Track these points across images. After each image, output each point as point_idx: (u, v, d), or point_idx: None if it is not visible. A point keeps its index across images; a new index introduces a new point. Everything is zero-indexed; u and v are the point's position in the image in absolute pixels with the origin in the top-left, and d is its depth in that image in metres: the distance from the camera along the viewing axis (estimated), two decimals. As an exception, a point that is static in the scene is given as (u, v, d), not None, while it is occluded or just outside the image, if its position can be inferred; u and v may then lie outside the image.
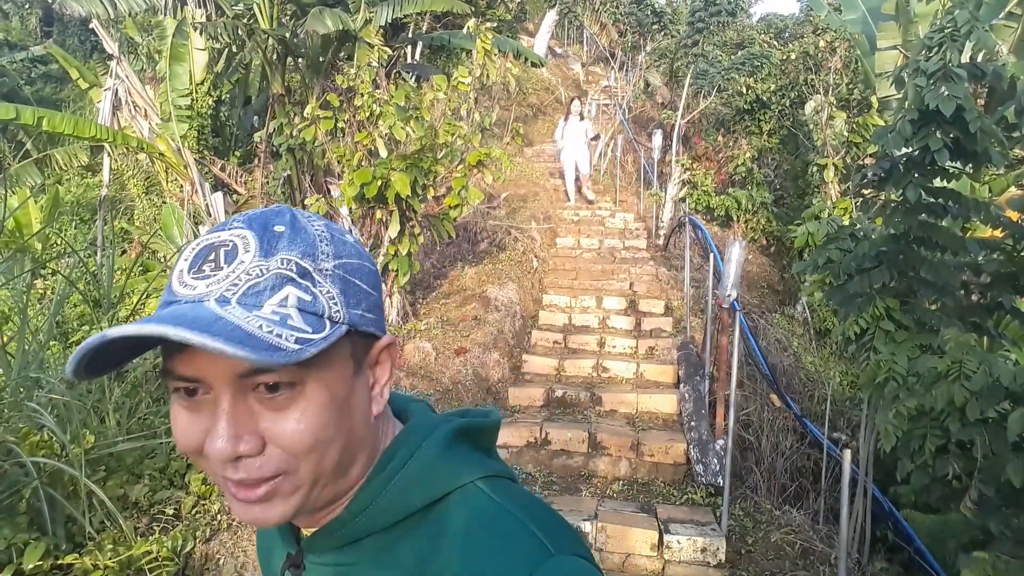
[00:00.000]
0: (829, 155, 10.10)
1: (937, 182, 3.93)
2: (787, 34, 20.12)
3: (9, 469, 3.30)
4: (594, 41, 21.22)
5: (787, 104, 12.89)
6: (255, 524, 0.62)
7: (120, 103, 8.79)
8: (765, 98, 12.99)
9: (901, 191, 3.64)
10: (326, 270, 0.60)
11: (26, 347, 4.18)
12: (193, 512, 3.38)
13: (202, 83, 9.92)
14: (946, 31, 3.34)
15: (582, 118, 11.03)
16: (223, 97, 11.27)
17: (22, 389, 3.73)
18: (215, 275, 0.57)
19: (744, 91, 12.96)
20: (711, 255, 5.87)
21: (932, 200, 3.88)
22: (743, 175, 12.22)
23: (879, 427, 3.80)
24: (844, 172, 9.44)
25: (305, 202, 6.64)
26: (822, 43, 11.18)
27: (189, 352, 0.56)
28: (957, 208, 3.78)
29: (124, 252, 8.68)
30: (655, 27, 16.99)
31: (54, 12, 19.85)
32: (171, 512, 3.49)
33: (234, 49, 10.84)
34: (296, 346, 0.55)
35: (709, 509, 4.12)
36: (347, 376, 0.62)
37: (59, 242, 8.30)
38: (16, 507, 3.20)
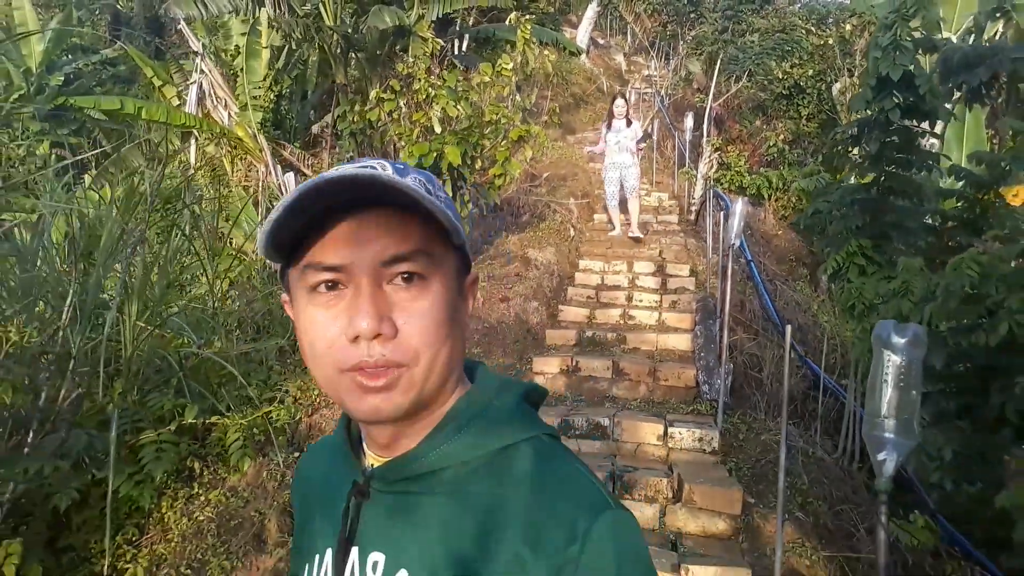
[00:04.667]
0: (854, 133, 10.66)
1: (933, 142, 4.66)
2: (831, 20, 20.43)
3: (161, 365, 4.34)
4: (635, 31, 21.87)
5: (823, 88, 13.36)
6: (375, 415, 0.69)
7: (204, 95, 9.94)
8: (803, 83, 13.50)
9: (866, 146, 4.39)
10: (441, 197, 0.70)
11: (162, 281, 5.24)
12: (300, 395, 4.37)
13: (264, 79, 11.02)
14: (900, 11, 4.07)
15: (630, 123, 8.65)
16: (283, 92, 12.38)
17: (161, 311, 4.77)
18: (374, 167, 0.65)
19: (781, 77, 13.48)
20: (721, 214, 6.63)
21: (898, 155, 4.61)
22: (774, 156, 12.80)
23: (849, 342, 4.55)
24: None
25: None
26: (848, 27, 11.70)
27: (339, 240, 0.66)
28: (918, 160, 4.51)
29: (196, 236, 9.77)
30: (692, 16, 17.57)
31: (121, 16, 21.44)
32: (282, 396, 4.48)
33: (293, 46, 11.92)
34: (447, 211, 0.64)
35: (711, 416, 4.94)
36: (456, 288, 0.71)
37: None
38: (166, 392, 4.23)
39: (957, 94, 4.35)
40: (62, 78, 16.44)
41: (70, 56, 19.65)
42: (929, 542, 3.32)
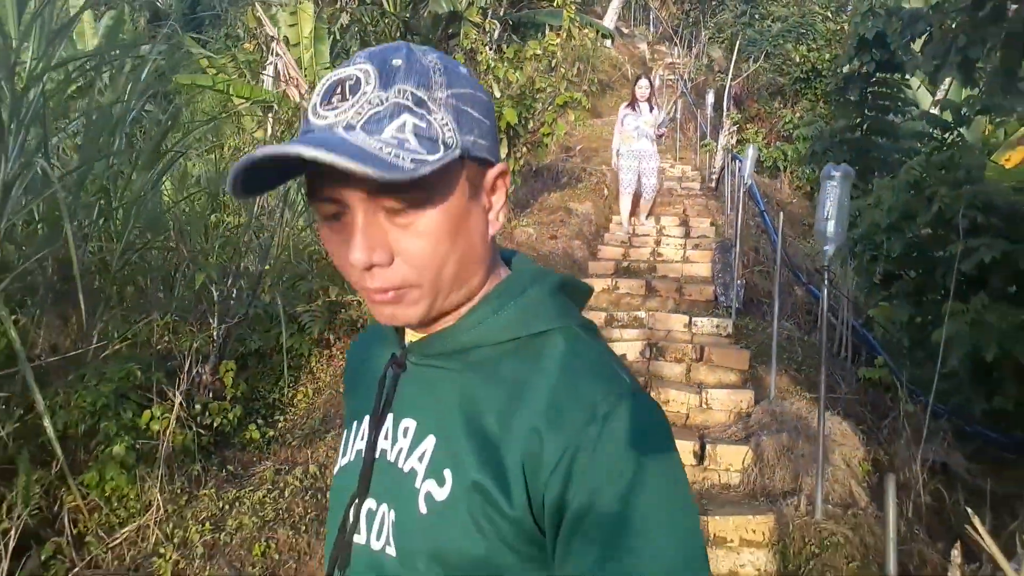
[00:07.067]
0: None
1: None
2: (849, 7, 21.34)
3: (297, 266, 5.60)
4: (659, 20, 22.96)
5: (839, 71, 14.37)
6: (392, 321, 0.73)
7: (279, 75, 11.25)
8: (820, 67, 14.51)
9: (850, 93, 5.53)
10: (440, 99, 0.67)
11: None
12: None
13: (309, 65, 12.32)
14: (876, -15, 5.21)
15: (652, 107, 8.16)
16: (327, 77, 13.67)
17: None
18: (341, 106, 0.66)
19: (799, 61, 14.50)
20: (738, 163, 7.79)
21: (880, 102, 5.75)
22: (790, 131, 13.83)
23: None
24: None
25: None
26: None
27: (328, 176, 0.65)
28: (894, 107, 5.64)
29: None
30: (714, 3, 18.65)
31: (160, 12, 22.99)
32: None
33: (337, 37, 13.19)
34: (411, 165, 0.62)
35: (727, 317, 6.13)
36: (463, 198, 0.70)
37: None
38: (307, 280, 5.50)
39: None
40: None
41: (117, 51, 20.89)
42: (887, 377, 4.48)
